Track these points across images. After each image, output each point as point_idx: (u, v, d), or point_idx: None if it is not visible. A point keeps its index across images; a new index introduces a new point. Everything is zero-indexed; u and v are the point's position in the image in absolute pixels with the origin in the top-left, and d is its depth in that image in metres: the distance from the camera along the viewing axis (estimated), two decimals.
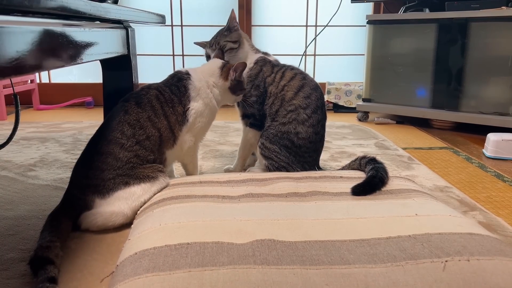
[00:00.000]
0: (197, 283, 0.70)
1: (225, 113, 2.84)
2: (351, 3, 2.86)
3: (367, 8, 3.28)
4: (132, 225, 1.00)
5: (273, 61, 1.52)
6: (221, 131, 2.36)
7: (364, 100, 2.73)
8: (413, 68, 2.51)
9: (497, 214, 1.25)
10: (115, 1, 1.54)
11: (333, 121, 2.69)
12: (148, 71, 3.25)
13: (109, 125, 1.15)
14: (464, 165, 1.76)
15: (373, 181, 1.13)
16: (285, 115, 1.38)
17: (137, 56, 1.60)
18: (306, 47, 3.30)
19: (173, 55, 3.35)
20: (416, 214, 0.95)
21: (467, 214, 1.23)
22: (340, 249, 0.80)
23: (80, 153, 1.16)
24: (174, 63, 3.37)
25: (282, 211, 0.98)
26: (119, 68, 1.54)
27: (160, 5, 3.24)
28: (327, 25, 3.10)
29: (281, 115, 1.39)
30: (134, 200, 1.08)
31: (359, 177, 1.21)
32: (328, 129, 1.52)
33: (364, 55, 2.70)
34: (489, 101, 2.28)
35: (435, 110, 2.44)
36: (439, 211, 0.98)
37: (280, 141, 1.37)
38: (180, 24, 3.29)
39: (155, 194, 1.12)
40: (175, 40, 3.32)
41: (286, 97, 1.39)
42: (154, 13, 1.64)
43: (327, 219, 0.93)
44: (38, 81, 3.31)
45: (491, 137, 1.87)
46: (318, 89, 1.42)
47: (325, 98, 2.73)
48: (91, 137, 1.17)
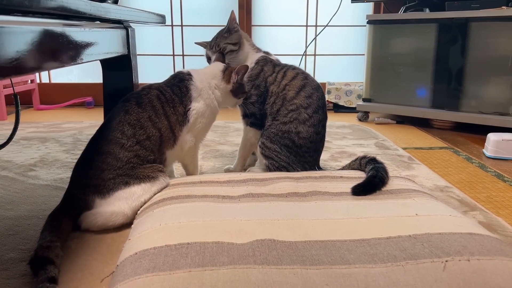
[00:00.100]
0: (197, 283, 0.70)
1: (225, 113, 2.84)
2: (351, 3, 2.86)
3: (367, 8, 3.28)
4: (132, 225, 1.00)
5: (275, 60, 1.52)
6: (221, 131, 2.36)
7: (364, 100, 2.73)
8: (413, 68, 2.51)
9: (497, 214, 1.25)
10: (115, 1, 1.54)
11: (333, 121, 2.69)
12: (148, 71, 3.25)
13: (109, 125, 1.15)
14: (464, 165, 1.75)
15: (373, 181, 1.13)
16: (286, 114, 1.38)
17: (137, 56, 1.61)
18: (306, 47, 3.30)
19: (173, 55, 3.35)
20: (416, 214, 0.95)
21: (467, 214, 1.23)
22: (340, 249, 0.80)
23: (80, 153, 1.16)
24: (174, 63, 3.37)
25: (282, 211, 0.98)
26: (119, 68, 1.54)
27: (160, 5, 3.24)
28: (327, 25, 3.10)
29: (282, 114, 1.39)
30: (134, 200, 1.08)
31: (359, 177, 1.21)
32: (328, 129, 1.52)
33: (364, 55, 2.70)
34: (489, 101, 2.28)
35: (435, 110, 2.44)
36: (439, 211, 0.98)
37: (280, 141, 1.37)
38: (180, 24, 3.29)
39: (155, 194, 1.12)
40: (175, 40, 3.32)
41: (287, 96, 1.39)
42: (154, 13, 1.64)
43: (327, 219, 0.94)
44: (38, 81, 3.31)
45: (491, 137, 1.87)
46: (319, 89, 1.42)
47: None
48: (91, 137, 1.17)
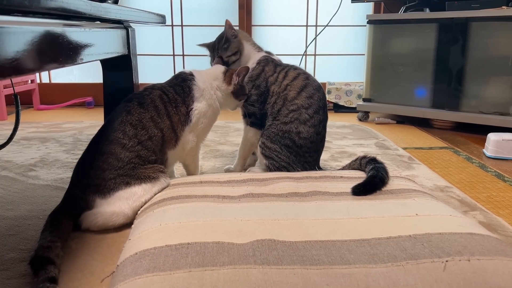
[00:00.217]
0: (197, 283, 0.70)
1: (225, 113, 2.83)
2: (351, 3, 2.86)
3: (367, 8, 3.28)
4: (132, 225, 1.00)
5: (276, 60, 1.52)
6: (222, 131, 2.36)
7: (365, 100, 2.73)
8: (413, 68, 2.51)
9: (497, 214, 1.25)
10: (115, 1, 1.54)
11: (334, 121, 2.69)
12: (149, 71, 3.25)
13: (111, 125, 1.15)
14: (464, 165, 1.75)
15: (373, 181, 1.13)
16: (287, 114, 1.38)
17: (138, 56, 1.61)
18: (307, 47, 3.30)
19: (173, 55, 3.35)
20: (417, 214, 0.95)
21: (467, 214, 1.23)
22: (340, 249, 0.80)
23: (81, 153, 1.16)
24: (174, 63, 3.37)
25: (282, 211, 0.98)
26: (119, 68, 1.54)
27: (160, 5, 3.24)
28: (327, 25, 3.10)
29: (283, 114, 1.39)
30: (135, 200, 1.08)
31: (359, 177, 1.21)
32: (329, 129, 1.52)
33: (364, 55, 2.70)
34: (489, 101, 2.28)
35: (435, 110, 2.44)
36: (439, 211, 0.98)
37: (281, 141, 1.37)
38: (180, 24, 3.29)
39: (156, 194, 1.12)
40: (175, 40, 3.32)
41: (288, 96, 1.39)
42: (154, 13, 1.64)
43: (327, 219, 0.93)
44: (38, 81, 3.31)
45: (492, 137, 1.87)
46: (320, 90, 1.42)
47: None
48: (92, 137, 1.17)
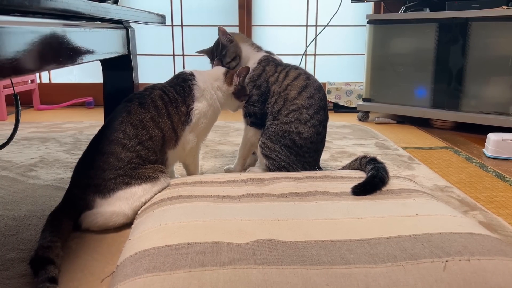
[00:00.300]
0: (197, 283, 0.70)
1: (225, 113, 2.82)
2: (351, 3, 2.86)
3: (367, 8, 3.28)
4: (132, 225, 1.00)
5: (277, 60, 1.52)
6: (222, 131, 2.36)
7: (365, 100, 2.73)
8: (413, 68, 2.51)
9: (497, 214, 1.25)
10: (115, 1, 1.54)
11: (334, 121, 2.69)
12: (149, 71, 3.25)
13: (111, 125, 1.15)
14: (464, 165, 1.75)
15: (373, 181, 1.13)
16: (287, 114, 1.38)
17: (138, 56, 1.61)
18: (307, 47, 3.30)
19: (173, 55, 3.35)
20: (417, 214, 0.95)
21: (467, 214, 1.23)
22: (340, 249, 0.80)
23: (81, 153, 1.16)
24: (174, 63, 3.37)
25: (282, 211, 0.98)
26: (119, 68, 1.54)
27: (160, 5, 3.24)
28: (327, 25, 3.10)
29: (283, 114, 1.39)
30: (135, 200, 1.08)
31: (359, 177, 1.21)
32: (329, 129, 1.52)
33: (364, 55, 2.69)
34: (489, 100, 2.28)
35: (435, 110, 2.44)
36: (439, 211, 0.98)
37: (281, 140, 1.37)
38: (180, 24, 3.28)
39: (156, 194, 1.12)
40: (175, 40, 3.32)
41: (289, 96, 1.39)
42: (154, 13, 1.64)
43: (327, 219, 0.93)
44: (38, 81, 3.31)
45: (492, 136, 1.87)
46: (321, 90, 1.42)
47: None
48: (93, 137, 1.17)
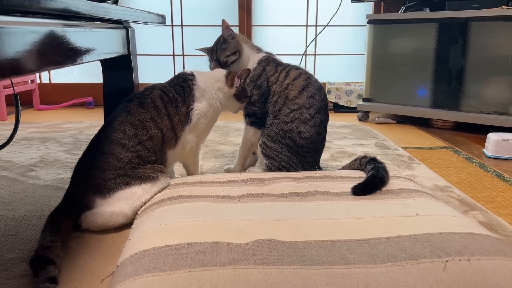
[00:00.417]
0: (197, 283, 0.70)
1: (225, 113, 2.83)
2: (351, 2, 2.86)
3: (367, 8, 3.28)
4: (132, 225, 1.00)
5: (277, 60, 1.52)
6: (222, 131, 2.36)
7: (365, 99, 2.73)
8: (413, 67, 2.51)
9: (497, 213, 1.25)
10: (115, 1, 1.54)
11: (334, 120, 2.69)
12: (149, 71, 3.25)
13: (111, 126, 1.15)
14: (464, 165, 1.75)
15: (373, 181, 1.13)
16: (288, 113, 1.38)
17: (138, 56, 1.61)
18: (307, 47, 3.29)
19: (173, 55, 3.35)
20: (417, 214, 0.95)
21: (467, 214, 1.23)
22: (340, 249, 0.80)
23: (81, 153, 1.16)
24: (174, 63, 3.37)
25: (282, 211, 0.98)
26: (119, 68, 1.54)
27: (160, 5, 3.24)
28: (327, 25, 3.10)
29: (283, 113, 1.39)
30: (134, 200, 1.08)
31: (359, 177, 1.21)
32: (329, 129, 1.52)
33: (364, 55, 2.69)
34: (489, 100, 2.28)
35: (435, 109, 2.44)
36: (439, 211, 0.98)
37: (281, 140, 1.37)
38: (180, 24, 3.28)
39: (156, 194, 1.12)
40: (175, 40, 3.32)
41: (289, 95, 1.39)
42: (154, 13, 1.64)
43: (327, 219, 0.93)
44: (38, 81, 3.31)
45: (492, 136, 1.87)
46: (322, 90, 1.42)
47: None
48: (92, 137, 1.17)
